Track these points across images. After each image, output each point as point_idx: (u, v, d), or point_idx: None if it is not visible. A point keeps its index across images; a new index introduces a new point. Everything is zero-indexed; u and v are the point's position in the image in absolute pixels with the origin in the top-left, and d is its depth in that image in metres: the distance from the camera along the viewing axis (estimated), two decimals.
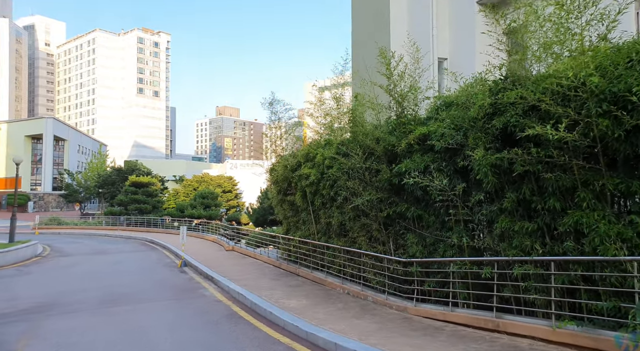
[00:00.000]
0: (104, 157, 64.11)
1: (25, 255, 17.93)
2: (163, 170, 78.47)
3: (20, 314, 9.18)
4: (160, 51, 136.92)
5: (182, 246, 17.23)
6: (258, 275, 13.60)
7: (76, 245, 24.97)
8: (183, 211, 45.17)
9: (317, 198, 11.78)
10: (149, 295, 11.37)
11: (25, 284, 12.71)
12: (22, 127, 71.98)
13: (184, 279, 13.78)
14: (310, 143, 13.01)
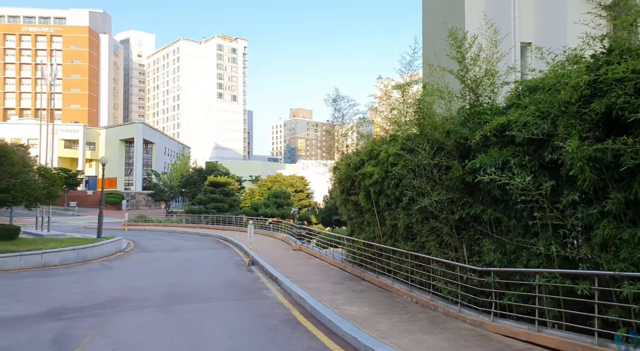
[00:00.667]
0: (187, 158, 67.90)
1: (110, 250, 19.07)
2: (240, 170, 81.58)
3: (94, 308, 9.48)
4: (238, 57, 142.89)
5: (249, 245, 17.27)
6: (322, 277, 13.08)
7: (157, 241, 26.34)
8: (257, 210, 46.29)
9: (382, 199, 10.96)
10: (214, 294, 11.32)
11: (105, 278, 13.36)
12: (117, 132, 78.93)
13: (250, 278, 13.66)
14: (374, 140, 12.22)
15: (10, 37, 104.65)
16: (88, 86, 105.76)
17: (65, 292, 11.07)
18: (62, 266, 15.39)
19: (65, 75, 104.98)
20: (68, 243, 17.16)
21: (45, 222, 25.43)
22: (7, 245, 15.15)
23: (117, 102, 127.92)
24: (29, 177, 15.77)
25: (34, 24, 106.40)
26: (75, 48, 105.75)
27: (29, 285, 11.84)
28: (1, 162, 15.00)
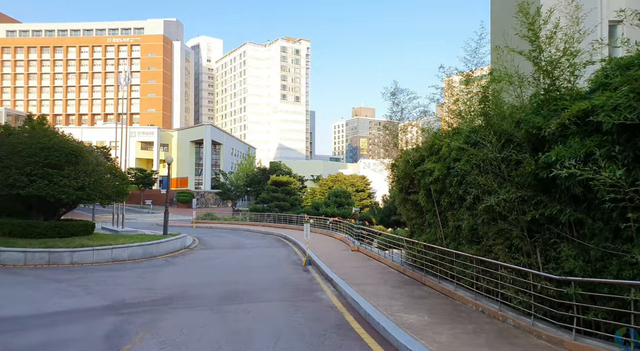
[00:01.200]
0: (252, 158, 69.74)
1: (175, 246, 19.73)
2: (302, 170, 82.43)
3: (150, 304, 9.62)
4: (301, 58, 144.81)
5: (305, 244, 17.03)
6: (379, 280, 12.44)
7: (220, 238, 27.03)
8: (318, 209, 46.27)
9: (444, 198, 10.11)
10: (267, 294, 11.12)
11: (166, 275, 13.69)
12: (187, 134, 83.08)
13: (305, 279, 13.35)
14: (435, 134, 11.35)
15: (97, 48, 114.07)
16: (162, 91, 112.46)
17: (128, 287, 11.42)
18: (130, 261, 16.07)
19: (142, 81, 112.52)
20: (136, 239, 17.95)
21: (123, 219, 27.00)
22: (83, 239, 16.12)
23: (189, 105, 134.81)
24: (101, 176, 16.69)
25: (117, 35, 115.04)
26: (152, 55, 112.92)
27: (98, 279, 12.38)
28: (77, 162, 16.03)
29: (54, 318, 8.31)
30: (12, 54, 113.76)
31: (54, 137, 15.89)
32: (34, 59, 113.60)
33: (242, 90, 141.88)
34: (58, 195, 15.21)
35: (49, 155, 15.38)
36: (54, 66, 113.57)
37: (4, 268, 13.41)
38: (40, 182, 14.94)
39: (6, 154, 14.88)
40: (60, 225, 16.15)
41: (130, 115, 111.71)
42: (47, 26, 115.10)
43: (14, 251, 13.97)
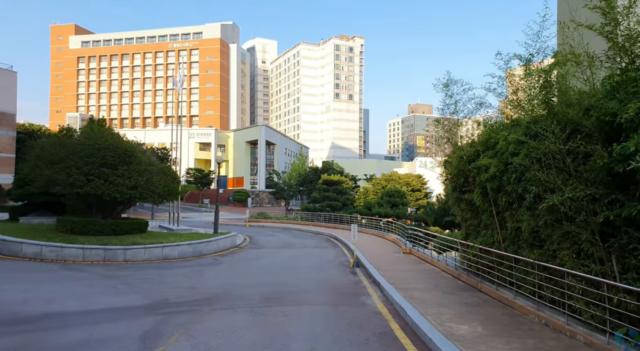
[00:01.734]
0: (304, 158, 70.05)
1: (225, 245, 19.92)
2: (355, 169, 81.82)
3: (191, 304, 9.55)
4: (355, 55, 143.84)
5: (353, 244, 16.50)
6: (430, 285, 11.63)
7: (270, 237, 27.12)
8: (370, 209, 45.44)
9: (501, 197, 9.17)
10: (310, 296, 10.73)
11: (212, 274, 13.70)
12: (243, 134, 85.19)
13: (351, 282, 12.83)
14: (491, 126, 10.38)
15: (159, 54, 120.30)
16: (220, 93, 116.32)
17: (173, 285, 11.48)
18: (180, 259, 16.35)
19: (201, 84, 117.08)
20: (187, 238, 18.29)
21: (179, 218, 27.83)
22: (136, 237, 16.64)
23: (245, 106, 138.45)
24: (153, 175, 17.16)
25: (177, 40, 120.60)
26: (209, 59, 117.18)
27: (146, 277, 12.61)
28: (130, 161, 16.58)
29: (98, 315, 8.40)
30: (86, 63, 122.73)
31: (110, 137, 16.56)
32: (104, 66, 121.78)
33: (295, 90, 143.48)
34: (113, 193, 15.79)
35: (105, 155, 16.02)
36: (122, 72, 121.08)
37: (65, 263, 14.05)
38: (97, 181, 15.59)
39: (67, 155, 15.70)
40: (116, 223, 16.78)
41: (190, 118, 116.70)
42: (116, 35, 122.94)
43: (74, 247, 14.62)
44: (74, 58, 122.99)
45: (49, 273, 12.49)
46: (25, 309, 8.62)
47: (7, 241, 14.62)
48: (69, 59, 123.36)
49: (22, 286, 10.53)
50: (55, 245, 14.50)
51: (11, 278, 11.57)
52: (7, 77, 39.56)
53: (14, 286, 10.49)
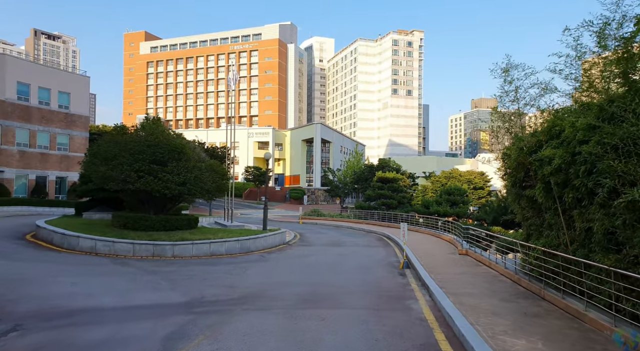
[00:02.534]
0: (359, 155, 69.03)
1: (274, 242, 19.71)
2: (414, 167, 79.51)
3: (226, 303, 9.24)
4: (414, 50, 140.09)
5: (403, 244, 15.57)
6: (485, 290, 10.51)
7: (321, 235, 26.66)
8: (428, 207, 43.68)
9: (568, 192, 7.93)
10: (351, 299, 10.05)
11: (255, 271, 13.41)
12: (299, 133, 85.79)
13: (398, 284, 11.97)
14: (555, 112, 9.08)
15: (221, 56, 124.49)
16: (278, 93, 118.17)
17: (213, 283, 11.28)
18: (227, 256, 16.30)
19: (260, 85, 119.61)
20: (235, 234, 18.26)
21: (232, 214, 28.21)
22: (185, 233, 16.84)
23: (302, 106, 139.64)
24: (202, 172, 17.27)
25: (237, 42, 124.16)
26: (268, 59, 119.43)
27: (189, 273, 12.56)
28: (179, 158, 16.81)
29: (131, 312, 8.29)
30: (154, 67, 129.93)
31: (160, 134, 16.88)
32: (171, 70, 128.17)
33: (352, 87, 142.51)
34: (162, 190, 16.07)
35: (155, 152, 16.34)
36: (186, 75, 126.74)
37: (116, 258, 14.45)
38: (147, 177, 15.92)
39: (119, 152, 16.20)
40: (166, 219, 17.09)
41: (250, 118, 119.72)
42: (181, 40, 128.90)
43: (125, 242, 15.00)
44: (143, 63, 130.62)
45: (98, 267, 12.83)
46: (67, 303, 8.72)
47: (66, 235, 15.31)
48: (139, 64, 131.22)
49: (72, 280, 10.80)
50: (107, 240, 14.96)
51: (65, 271, 11.96)
52: (81, 83, 42.45)
53: (66, 279, 10.78)
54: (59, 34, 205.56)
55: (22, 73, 37.83)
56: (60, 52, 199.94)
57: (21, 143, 37.26)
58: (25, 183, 37.79)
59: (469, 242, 18.66)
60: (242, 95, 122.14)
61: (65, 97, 40.72)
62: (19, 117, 36.63)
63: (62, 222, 18.02)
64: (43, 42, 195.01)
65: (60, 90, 40.23)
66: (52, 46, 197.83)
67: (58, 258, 13.55)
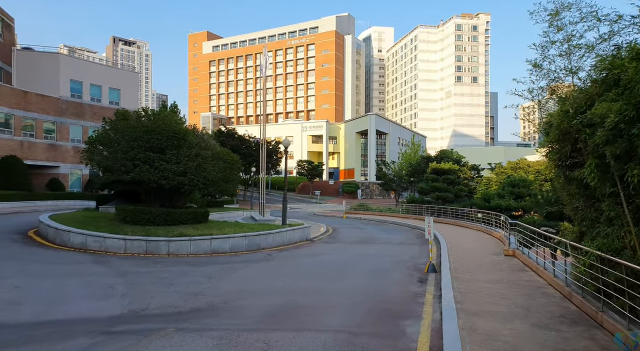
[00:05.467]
0: (417, 146, 65.18)
1: (292, 238, 17.74)
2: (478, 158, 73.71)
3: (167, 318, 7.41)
4: (479, 34, 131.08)
5: (429, 243, 12.87)
6: (518, 308, 7.70)
7: (356, 231, 24.28)
8: (489, 201, 39.39)
9: (632, 169, 5.03)
10: (329, 316, 7.75)
11: (242, 274, 11.44)
12: (353, 125, 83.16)
13: (410, 294, 9.46)
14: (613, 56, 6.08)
15: (279, 52, 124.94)
16: (334, 86, 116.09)
17: (177, 289, 9.48)
18: (230, 253, 14.55)
19: (317, 78, 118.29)
20: (248, 229, 16.49)
21: (263, 208, 26.67)
22: (188, 228, 15.31)
23: (359, 98, 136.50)
24: (205, 160, 15.65)
25: (295, 37, 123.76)
26: (325, 52, 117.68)
27: (164, 275, 10.91)
28: (180, 145, 15.30)
29: (34, 330, 6.61)
30: (216, 66, 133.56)
31: (159, 119, 15.44)
32: (231, 68, 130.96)
33: (412, 77, 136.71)
34: (158, 180, 14.66)
35: (151, 138, 14.97)
36: (246, 72, 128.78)
37: (103, 255, 13.16)
38: (142, 166, 14.58)
39: (116, 138, 15.02)
40: (167, 212, 15.69)
41: (307, 112, 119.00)
42: (240, 38, 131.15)
43: (116, 238, 13.76)
44: (206, 62, 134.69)
45: (68, 266, 11.54)
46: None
47: (59, 230, 14.39)
48: (202, 63, 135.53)
49: (20, 282, 9.51)
50: (98, 235, 13.80)
51: (23, 271, 10.57)
52: (130, 79, 43.45)
53: (13, 282, 9.51)
54: (133, 40, 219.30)
55: (75, 71, 39.15)
56: (134, 57, 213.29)
57: (75, 139, 38.53)
58: (79, 177, 39.14)
59: (521, 240, 15.34)
60: (299, 89, 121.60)
61: (115, 93, 41.74)
62: (73, 114, 37.83)
63: (68, 216, 17.32)
64: (120, 48, 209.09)
65: (111, 87, 41.28)
66: (128, 51, 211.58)
67: (34, 256, 12.48)
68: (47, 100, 35.42)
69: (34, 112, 34.39)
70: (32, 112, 34.26)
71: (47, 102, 35.43)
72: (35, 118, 34.47)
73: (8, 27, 38.85)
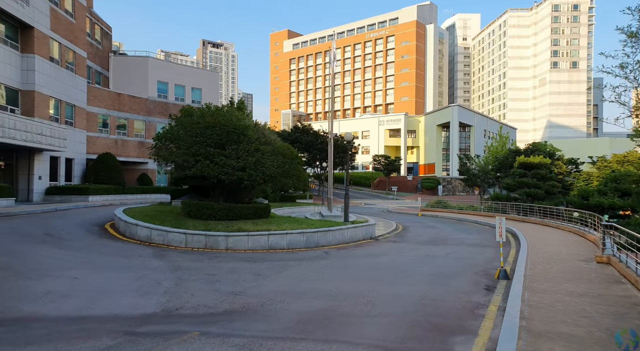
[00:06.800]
0: (505, 139, 60.53)
1: (354, 236, 17.03)
2: (578, 151, 66.53)
3: (190, 321, 7.16)
4: (580, 14, 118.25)
5: (500, 246, 11.40)
6: (601, 332, 6.27)
7: (428, 230, 22.79)
8: (587, 198, 35.04)
9: None
10: (369, 327, 6.96)
11: (292, 273, 10.93)
12: (434, 118, 79.51)
13: (470, 305, 8.32)
14: None
15: (357, 46, 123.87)
16: (415, 78, 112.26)
17: (220, 287, 9.25)
18: (286, 250, 14.23)
19: (396, 71, 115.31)
20: (307, 225, 16.07)
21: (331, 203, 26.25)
22: (247, 224, 15.26)
23: (442, 89, 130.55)
24: (265, 156, 15.45)
25: (374, 29, 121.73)
26: (405, 44, 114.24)
27: (214, 271, 10.82)
28: (239, 140, 15.26)
29: (62, 326, 6.64)
30: (296, 63, 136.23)
31: (220, 115, 15.53)
32: (311, 65, 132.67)
33: (500, 65, 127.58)
34: (218, 175, 14.74)
35: (212, 133, 15.10)
36: (325, 68, 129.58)
37: (164, 248, 13.52)
38: (203, 161, 14.77)
39: (181, 134, 15.39)
40: (229, 207, 15.77)
41: (385, 106, 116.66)
42: (320, 34, 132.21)
43: (177, 232, 14.09)
44: (286, 60, 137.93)
45: (129, 259, 11.92)
46: (21, 306, 7.44)
47: (128, 223, 15.11)
48: (283, 61, 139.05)
49: (79, 274, 9.92)
50: (162, 229, 14.23)
51: (87, 263, 11.09)
52: (211, 79, 45.61)
53: (73, 273, 9.95)
54: (221, 42, 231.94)
55: (161, 73, 41.97)
56: (222, 58, 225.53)
57: None
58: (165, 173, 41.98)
59: (621, 245, 13.05)
60: (378, 83, 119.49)
61: (197, 93, 44.05)
62: (159, 113, 40.57)
63: (139, 210, 18.23)
64: (209, 50, 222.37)
65: (193, 87, 43.64)
66: (216, 53, 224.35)
67: (102, 248, 13.13)
68: (137, 101, 38.30)
69: (126, 112, 37.38)
70: (125, 112, 37.27)
71: (138, 102, 38.32)
72: (127, 118, 37.45)
73: (106, 35, 42.68)
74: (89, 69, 37.60)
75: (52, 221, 17.76)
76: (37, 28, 27.16)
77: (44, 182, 28.18)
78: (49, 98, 28.36)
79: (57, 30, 29.49)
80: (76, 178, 31.94)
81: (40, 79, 27.31)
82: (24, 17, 26.11)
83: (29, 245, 12.83)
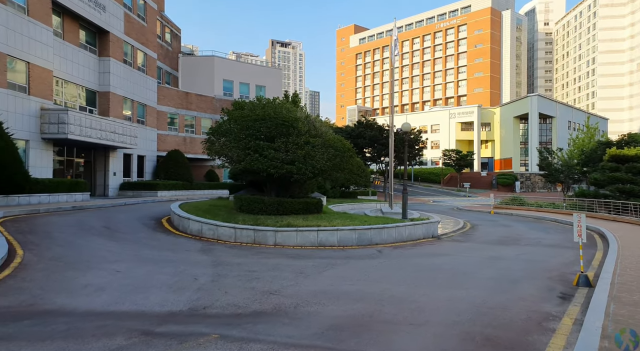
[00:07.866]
0: (592, 130, 54.83)
1: (412, 234, 15.81)
2: None
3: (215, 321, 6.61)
4: None
5: (579, 248, 9.72)
6: None
7: (499, 229, 20.78)
8: None
9: None
10: (411, 338, 5.98)
11: (336, 272, 10.09)
12: (510, 109, 74.08)
13: (538, 316, 7.00)
14: None
15: (427, 37, 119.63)
16: (490, 68, 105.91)
17: (257, 285, 8.67)
18: (336, 247, 13.45)
19: (469, 61, 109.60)
20: (360, 222, 15.16)
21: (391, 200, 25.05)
22: (297, 219, 14.69)
23: (520, 79, 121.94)
24: (315, 149, 14.76)
25: (444, 19, 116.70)
26: (478, 32, 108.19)
27: (255, 268, 10.30)
28: (289, 133, 14.70)
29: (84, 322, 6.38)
30: (362, 58, 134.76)
31: (269, 108, 15.09)
32: (377, 59, 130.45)
33: (589, 50, 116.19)
34: (267, 168, 14.30)
35: (261, 126, 14.70)
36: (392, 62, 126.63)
37: (214, 243, 13.37)
38: (253, 155, 14.42)
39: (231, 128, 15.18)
40: (279, 202, 15.29)
41: (457, 98, 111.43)
42: (386, 27, 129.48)
43: (227, 227, 13.88)
44: (353, 56, 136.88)
45: (176, 253, 11.77)
46: (55, 299, 7.37)
47: (181, 217, 15.19)
48: (349, 57, 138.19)
49: (123, 267, 9.90)
50: (212, 223, 14.10)
51: (134, 256, 11.05)
52: (274, 76, 46.09)
53: (117, 266, 9.95)
54: (289, 41, 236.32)
55: (227, 71, 43.11)
56: (290, 57, 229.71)
57: None
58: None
59: None
60: (449, 75, 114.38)
61: (261, 90, 44.69)
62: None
63: (194, 204, 18.34)
64: (278, 50, 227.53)
65: (257, 84, 44.33)
66: (284, 53, 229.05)
67: (153, 242, 13.21)
68: (204, 99, 39.59)
69: (193, 111, 38.79)
70: (192, 110, 38.69)
71: (204, 100, 39.61)
72: (195, 116, 38.84)
73: (175, 37, 44.69)
74: (159, 69, 39.54)
75: (116, 214, 18.51)
76: (112, 32, 28.84)
77: (118, 177, 29.97)
78: (122, 98, 30.06)
79: (130, 34, 31.15)
80: (147, 175, 33.68)
81: (114, 81, 28.99)
82: (101, 23, 27.81)
83: (87, 237, 13.27)
